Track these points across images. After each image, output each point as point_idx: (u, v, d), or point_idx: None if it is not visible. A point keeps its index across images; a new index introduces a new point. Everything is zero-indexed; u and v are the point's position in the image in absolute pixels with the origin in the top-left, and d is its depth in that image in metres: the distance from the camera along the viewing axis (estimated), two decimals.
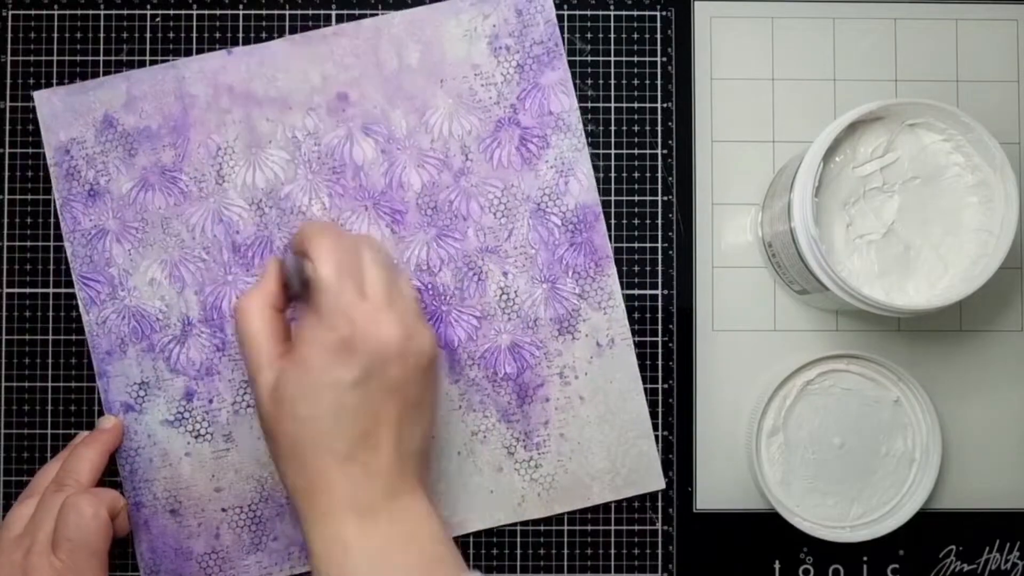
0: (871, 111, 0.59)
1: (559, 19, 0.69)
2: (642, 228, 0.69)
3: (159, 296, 0.68)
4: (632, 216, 0.69)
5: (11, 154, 0.69)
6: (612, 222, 0.69)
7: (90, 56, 0.69)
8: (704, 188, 0.69)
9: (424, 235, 0.68)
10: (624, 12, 0.69)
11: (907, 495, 0.67)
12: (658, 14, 0.69)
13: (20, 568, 0.59)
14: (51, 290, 0.69)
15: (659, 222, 0.69)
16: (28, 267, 0.69)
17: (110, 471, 0.67)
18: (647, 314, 0.69)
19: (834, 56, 0.69)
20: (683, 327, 0.69)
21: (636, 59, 0.69)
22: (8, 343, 0.69)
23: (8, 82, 0.69)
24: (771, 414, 0.67)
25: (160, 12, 0.69)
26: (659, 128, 0.69)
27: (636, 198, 0.69)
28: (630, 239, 0.69)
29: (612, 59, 0.69)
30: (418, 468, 0.58)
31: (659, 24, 0.69)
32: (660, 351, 0.69)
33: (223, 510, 0.68)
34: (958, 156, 0.61)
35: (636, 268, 0.69)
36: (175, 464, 0.68)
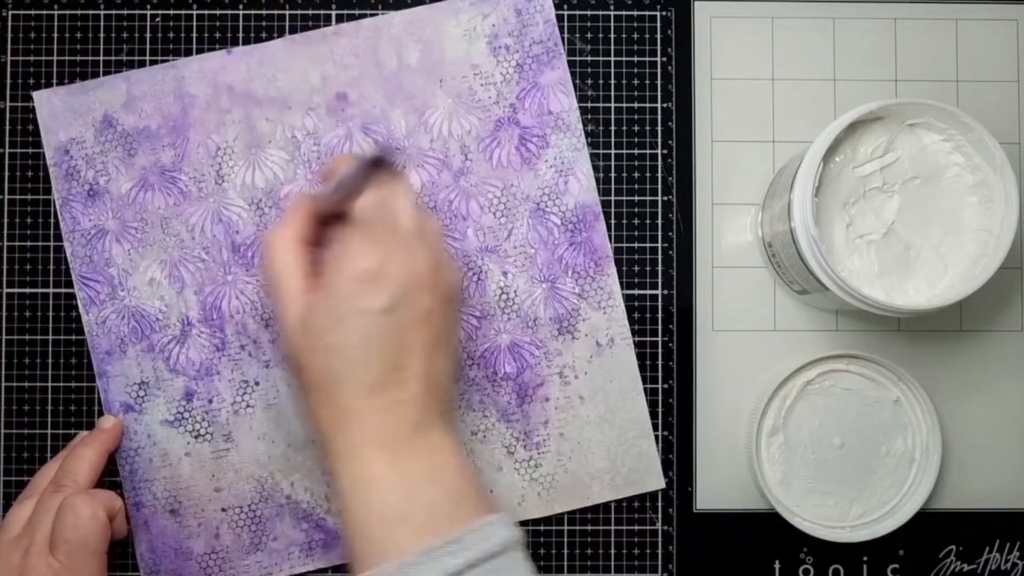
0: (871, 111, 0.59)
1: (559, 19, 0.69)
2: (642, 228, 0.69)
3: (159, 296, 0.68)
4: (632, 216, 0.69)
5: (11, 154, 0.69)
6: (612, 222, 0.69)
7: (90, 56, 0.69)
8: (704, 188, 0.69)
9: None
10: (624, 12, 0.69)
11: (907, 495, 0.67)
12: (658, 14, 0.69)
13: (18, 569, 0.59)
14: (51, 290, 0.69)
15: (659, 222, 0.69)
16: (28, 267, 0.69)
17: (110, 471, 0.67)
18: (647, 314, 0.69)
19: (834, 56, 0.69)
20: (683, 327, 0.69)
21: (636, 59, 0.69)
22: (8, 343, 0.69)
23: (8, 82, 0.69)
24: (771, 414, 0.67)
25: (160, 12, 0.69)
26: (659, 128, 0.69)
27: (636, 198, 0.69)
28: (630, 239, 0.69)
29: (612, 59, 0.69)
30: (445, 402, 0.58)
31: (659, 24, 0.69)
32: (660, 351, 0.69)
33: (223, 510, 0.68)
34: (958, 156, 0.61)
35: (636, 268, 0.69)
36: (175, 464, 0.68)
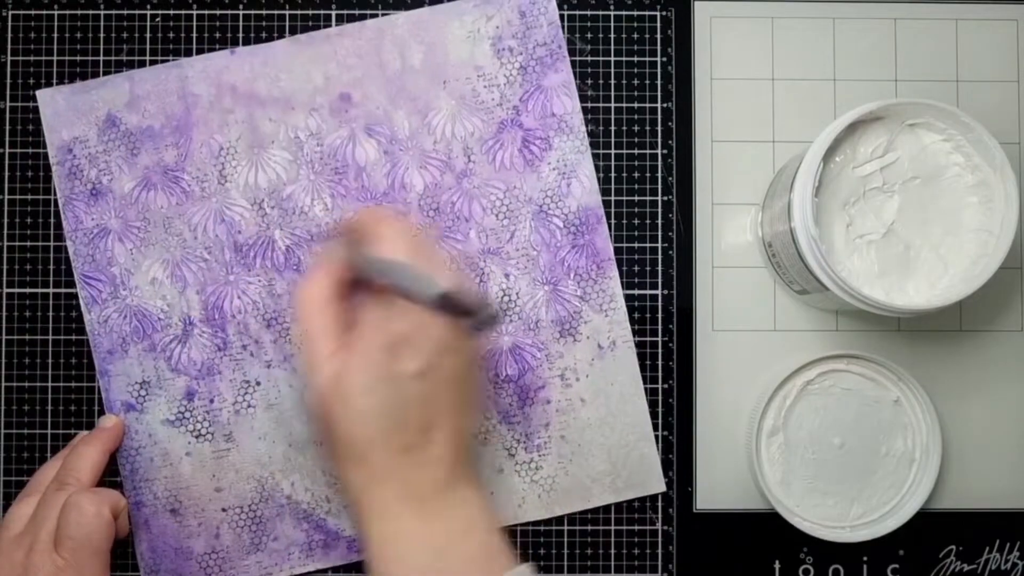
0: (871, 111, 0.59)
1: (559, 19, 0.69)
2: (642, 228, 0.69)
3: (161, 296, 0.68)
4: (632, 216, 0.69)
5: (11, 154, 0.69)
6: (612, 222, 0.69)
7: (90, 56, 0.69)
8: (704, 188, 0.69)
9: (426, 236, 0.68)
10: (624, 12, 0.70)
11: (907, 495, 0.67)
12: (658, 14, 0.70)
13: (22, 567, 0.59)
14: (51, 290, 0.68)
15: (659, 222, 0.69)
16: (28, 267, 0.69)
17: (111, 471, 0.67)
18: (647, 314, 0.69)
19: (834, 56, 0.69)
20: (683, 327, 0.69)
21: (636, 59, 0.69)
22: (8, 343, 0.68)
23: (8, 82, 0.69)
24: (771, 414, 0.67)
25: (160, 12, 0.69)
26: (659, 128, 0.69)
27: (636, 198, 0.69)
28: (630, 239, 0.69)
29: (612, 59, 0.69)
30: (469, 457, 0.58)
31: (659, 24, 0.70)
32: (660, 351, 0.69)
33: (223, 510, 0.68)
34: (958, 156, 0.61)
35: (636, 268, 0.69)
36: (176, 464, 0.68)
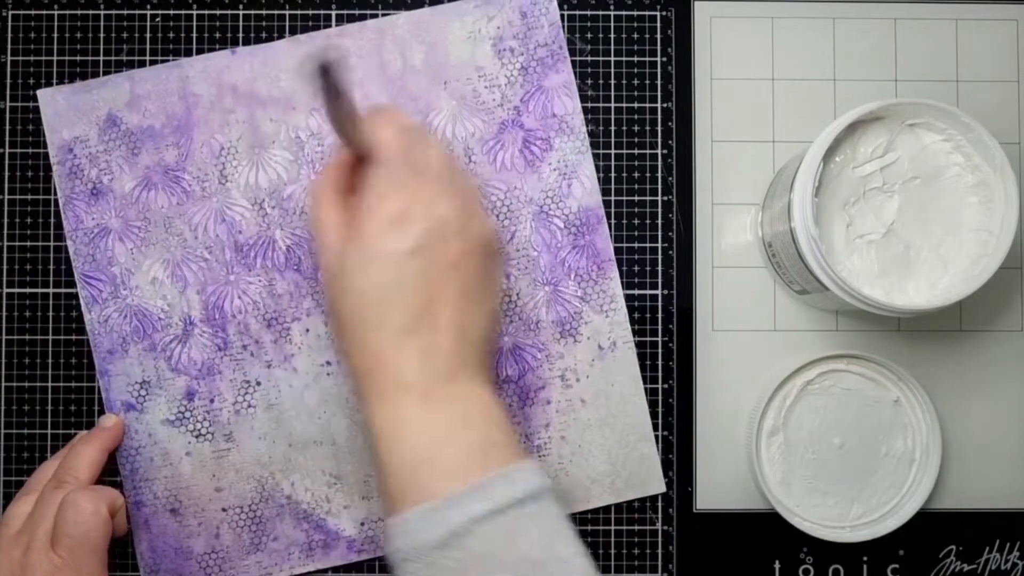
0: (871, 111, 0.59)
1: (560, 19, 0.69)
2: (642, 228, 0.69)
3: (161, 295, 0.68)
4: (632, 216, 0.69)
5: (11, 154, 0.69)
6: (612, 222, 0.69)
7: (90, 56, 0.69)
8: (704, 188, 0.69)
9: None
10: (624, 12, 0.70)
11: (907, 495, 0.67)
12: (658, 14, 0.70)
13: (19, 565, 0.59)
14: (51, 290, 0.68)
15: (659, 222, 0.69)
16: (28, 267, 0.68)
17: (110, 471, 0.67)
18: (647, 314, 0.69)
19: (834, 56, 0.69)
20: (683, 327, 0.69)
21: (636, 59, 0.69)
22: (8, 343, 0.68)
23: (8, 82, 0.69)
24: (771, 414, 0.67)
25: (160, 12, 0.69)
26: (659, 128, 0.69)
27: (636, 198, 0.69)
28: (630, 239, 0.69)
29: (612, 59, 0.69)
30: (480, 357, 0.57)
31: (659, 24, 0.70)
32: (660, 351, 0.69)
33: (223, 510, 0.68)
34: (958, 156, 0.61)
35: (636, 268, 0.69)
36: (176, 463, 0.68)
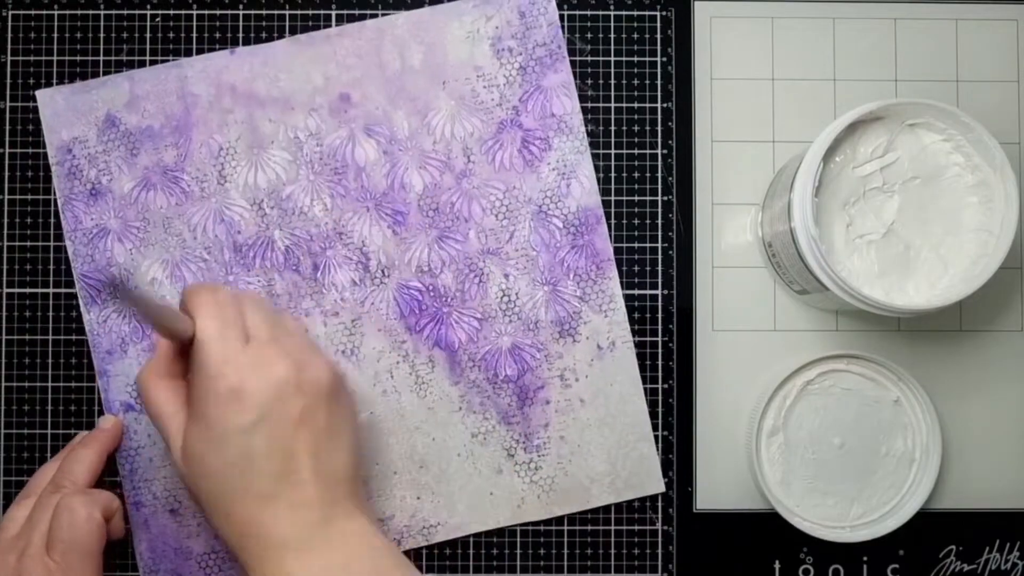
0: (871, 111, 0.59)
1: (559, 19, 0.69)
2: (642, 228, 0.69)
3: (160, 295, 0.68)
4: (632, 216, 0.69)
5: (11, 154, 0.69)
6: (612, 222, 0.69)
7: (90, 56, 0.69)
8: (704, 188, 0.69)
9: (425, 237, 0.68)
10: (624, 12, 0.70)
11: (907, 495, 0.67)
12: (658, 14, 0.70)
13: (14, 570, 0.59)
14: (51, 290, 0.68)
15: (659, 222, 0.69)
16: (28, 267, 0.69)
17: (110, 471, 0.67)
18: (647, 314, 0.69)
19: (834, 56, 0.69)
20: (683, 327, 0.69)
21: (636, 59, 0.69)
22: (8, 343, 0.68)
23: (8, 82, 0.69)
24: (771, 414, 0.67)
25: (160, 12, 0.69)
26: (659, 128, 0.69)
27: (636, 198, 0.69)
28: (630, 239, 0.69)
29: (612, 59, 0.69)
30: (350, 493, 0.58)
31: (659, 24, 0.70)
32: (660, 351, 0.69)
33: None
34: (958, 156, 0.61)
35: (636, 268, 0.69)
36: None
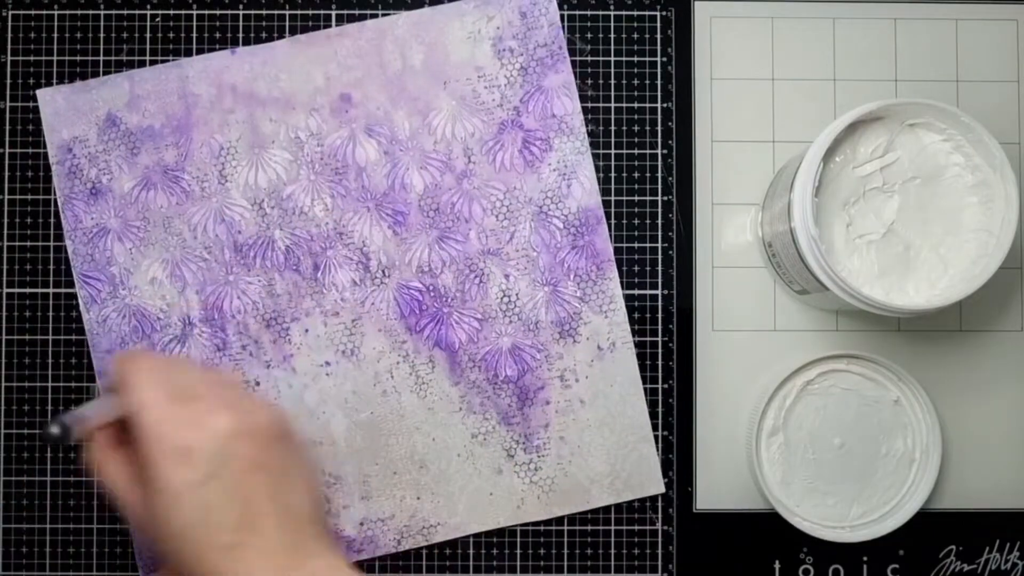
0: (871, 111, 0.59)
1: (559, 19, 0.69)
2: (642, 228, 0.69)
3: (160, 295, 0.68)
4: (632, 216, 0.69)
5: (11, 154, 0.69)
6: (612, 222, 0.69)
7: (90, 56, 0.69)
8: (704, 188, 0.69)
9: (426, 237, 0.68)
10: (624, 12, 0.70)
11: (907, 495, 0.67)
12: (658, 14, 0.70)
13: None
14: (51, 290, 0.68)
15: (659, 222, 0.69)
16: (28, 267, 0.68)
17: None
18: (647, 314, 0.69)
19: (834, 56, 0.69)
20: (683, 327, 0.69)
21: (636, 59, 0.69)
22: (8, 343, 0.68)
23: (8, 82, 0.69)
24: (771, 414, 0.67)
25: (160, 12, 0.69)
26: (659, 128, 0.69)
27: (636, 198, 0.69)
28: (630, 239, 0.69)
29: (612, 59, 0.69)
30: (313, 531, 0.57)
31: (659, 24, 0.70)
32: (660, 351, 0.69)
33: None
34: (958, 156, 0.61)
35: (636, 268, 0.69)
36: None
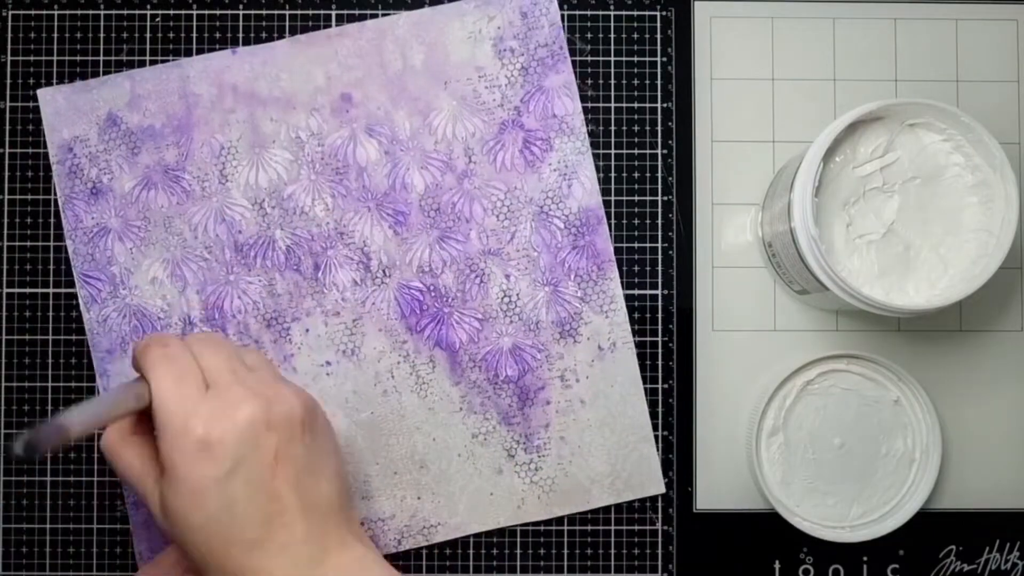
0: (871, 111, 0.59)
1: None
2: (642, 228, 0.69)
3: (160, 295, 0.68)
4: (632, 216, 0.69)
5: (11, 154, 0.69)
6: (612, 222, 0.69)
7: (90, 56, 0.69)
8: (704, 188, 0.69)
9: (427, 237, 0.68)
10: (624, 12, 0.70)
11: (907, 495, 0.67)
12: (658, 14, 0.70)
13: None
14: (51, 290, 0.68)
15: (659, 222, 0.69)
16: (28, 267, 0.68)
17: (111, 471, 0.67)
18: (647, 314, 0.69)
19: (834, 56, 0.69)
20: (683, 327, 0.69)
21: (636, 59, 0.70)
22: (8, 343, 0.68)
23: (8, 82, 0.69)
24: (771, 414, 0.67)
25: (160, 12, 0.69)
26: (659, 128, 0.69)
27: (636, 198, 0.69)
28: (630, 239, 0.69)
29: (612, 59, 0.69)
30: (341, 521, 0.56)
31: (659, 24, 0.70)
32: (660, 351, 0.69)
33: None
34: (958, 156, 0.61)
35: (636, 268, 0.69)
36: None
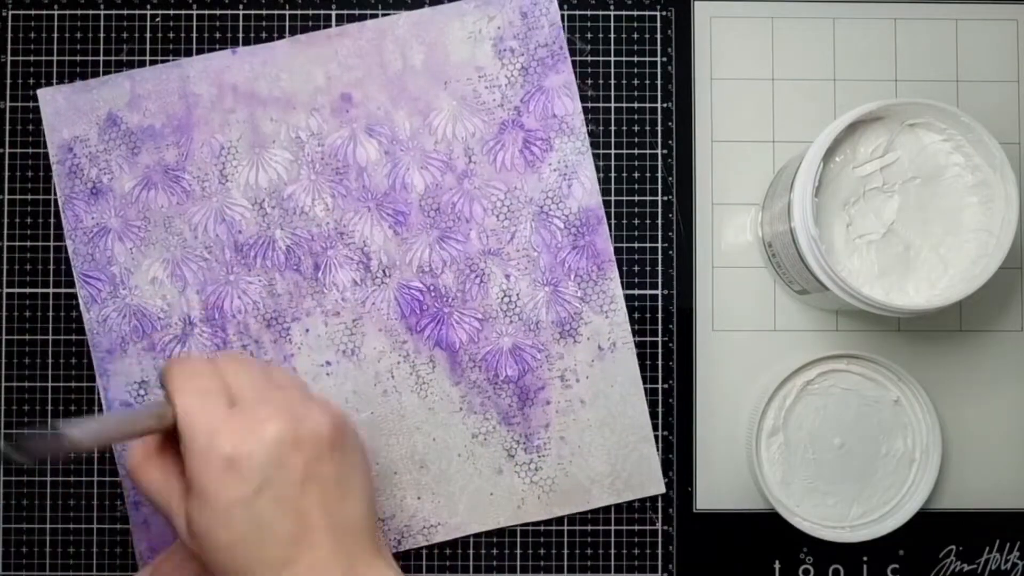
0: (871, 111, 0.59)
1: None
2: (642, 228, 0.69)
3: (160, 295, 0.68)
4: (632, 216, 0.69)
5: (11, 154, 0.69)
6: (612, 222, 0.69)
7: (90, 56, 0.69)
8: (704, 188, 0.69)
9: (427, 237, 0.68)
10: (624, 12, 0.70)
11: (907, 495, 0.67)
12: (658, 14, 0.70)
13: None
14: (51, 290, 0.68)
15: (659, 222, 0.69)
16: (28, 267, 0.68)
17: (111, 471, 0.67)
18: (647, 314, 0.69)
19: (834, 56, 0.69)
20: (683, 327, 0.69)
21: (636, 59, 0.70)
22: (8, 343, 0.68)
23: (8, 82, 0.69)
24: (771, 414, 0.67)
25: (160, 12, 0.69)
26: (659, 128, 0.69)
27: (636, 198, 0.69)
28: (630, 239, 0.69)
29: (612, 59, 0.69)
30: (367, 540, 0.55)
31: (659, 24, 0.70)
32: (660, 351, 0.69)
33: None
34: (958, 156, 0.61)
35: (636, 268, 0.69)
36: None
